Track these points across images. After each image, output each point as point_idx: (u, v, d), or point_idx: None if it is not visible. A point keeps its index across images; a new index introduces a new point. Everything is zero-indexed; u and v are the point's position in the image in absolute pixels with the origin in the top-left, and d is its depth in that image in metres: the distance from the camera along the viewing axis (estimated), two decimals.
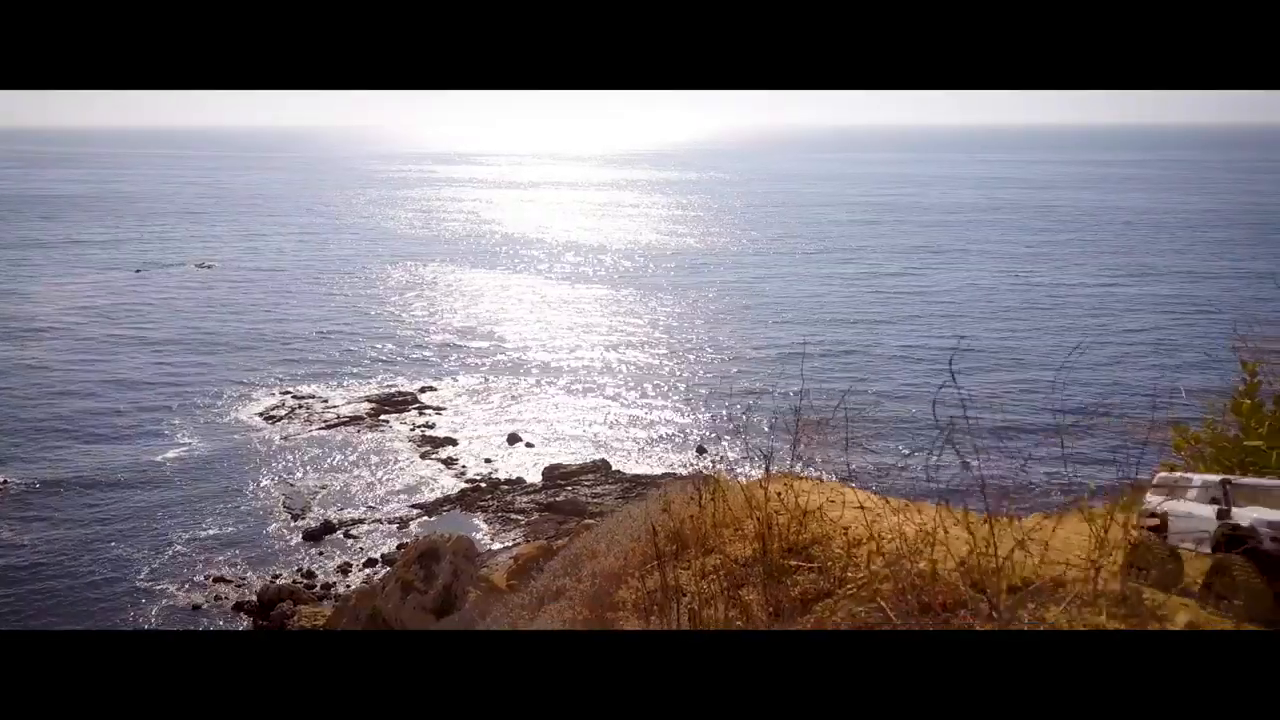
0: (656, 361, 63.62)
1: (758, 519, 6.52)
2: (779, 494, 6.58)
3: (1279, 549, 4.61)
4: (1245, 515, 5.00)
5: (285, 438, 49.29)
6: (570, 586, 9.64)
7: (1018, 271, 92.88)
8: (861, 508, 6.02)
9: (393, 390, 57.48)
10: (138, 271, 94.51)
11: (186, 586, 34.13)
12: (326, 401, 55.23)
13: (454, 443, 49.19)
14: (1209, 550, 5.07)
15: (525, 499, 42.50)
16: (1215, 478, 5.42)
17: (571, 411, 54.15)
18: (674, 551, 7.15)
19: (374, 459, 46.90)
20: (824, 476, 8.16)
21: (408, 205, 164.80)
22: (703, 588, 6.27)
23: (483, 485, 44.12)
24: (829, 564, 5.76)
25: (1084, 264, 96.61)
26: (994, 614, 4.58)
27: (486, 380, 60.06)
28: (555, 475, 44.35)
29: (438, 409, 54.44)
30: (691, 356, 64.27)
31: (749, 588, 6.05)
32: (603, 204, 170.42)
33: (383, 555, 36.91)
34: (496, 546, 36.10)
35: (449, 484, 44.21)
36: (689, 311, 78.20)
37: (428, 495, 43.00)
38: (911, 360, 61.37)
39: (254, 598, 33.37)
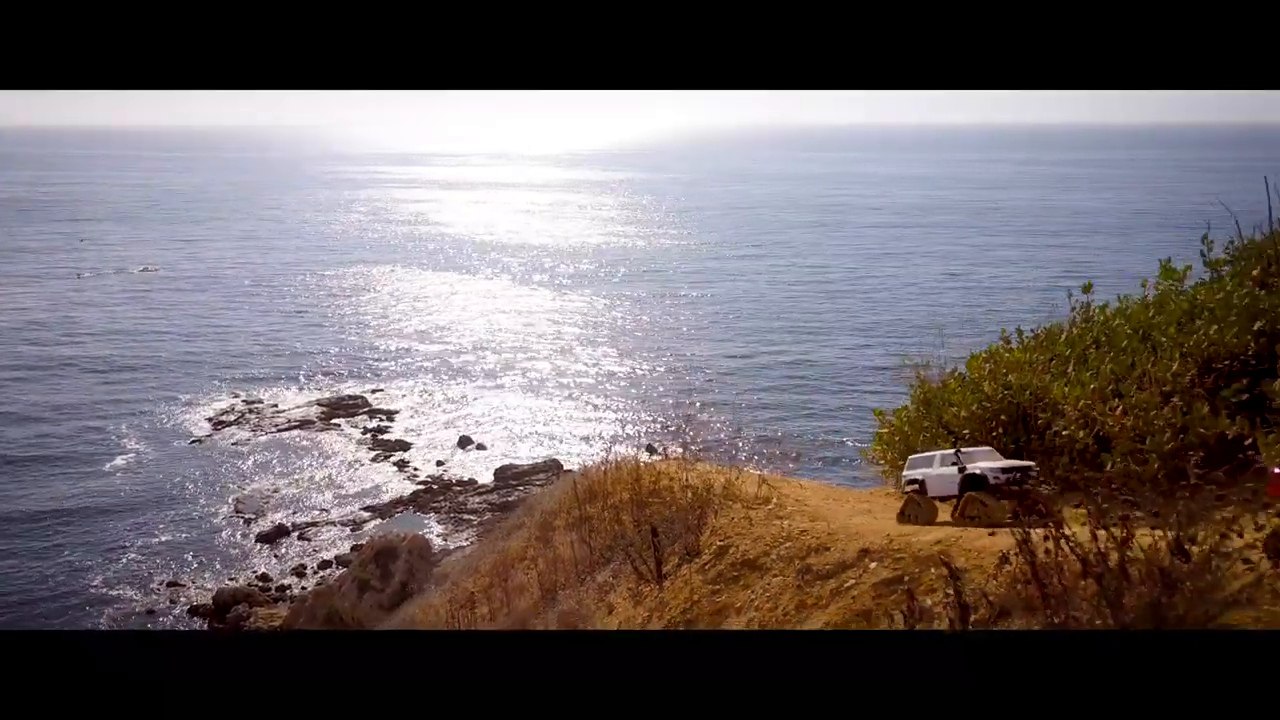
0: (607, 363, 64.75)
1: (637, 480, 11.03)
2: (667, 470, 10.45)
3: (1002, 482, 7.11)
4: (976, 466, 7.43)
5: (235, 443, 49.43)
6: (526, 521, 14.37)
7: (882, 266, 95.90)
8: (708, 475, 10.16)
9: (343, 394, 57.78)
10: (76, 279, 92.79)
11: (141, 592, 34.41)
12: (276, 406, 55.35)
13: (406, 445, 49.78)
14: (957, 492, 7.47)
15: (478, 499, 43.34)
16: (949, 451, 7.83)
17: (522, 413, 55.03)
18: (588, 497, 12.17)
19: (326, 463, 47.32)
20: (718, 462, 12.25)
21: (354, 207, 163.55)
22: (601, 514, 11.37)
23: (435, 487, 44.86)
24: (669, 499, 9.77)
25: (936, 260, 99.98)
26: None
27: (437, 383, 60.63)
28: (507, 475, 45.23)
29: (389, 412, 54.91)
30: (641, 358, 65.53)
31: (624, 512, 10.61)
32: (551, 205, 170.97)
33: (337, 557, 37.51)
34: (451, 546, 36.95)
35: (402, 486, 44.86)
36: (638, 313, 79.46)
37: (381, 497, 43.61)
38: (824, 368, 63.37)
39: (209, 601, 33.80)
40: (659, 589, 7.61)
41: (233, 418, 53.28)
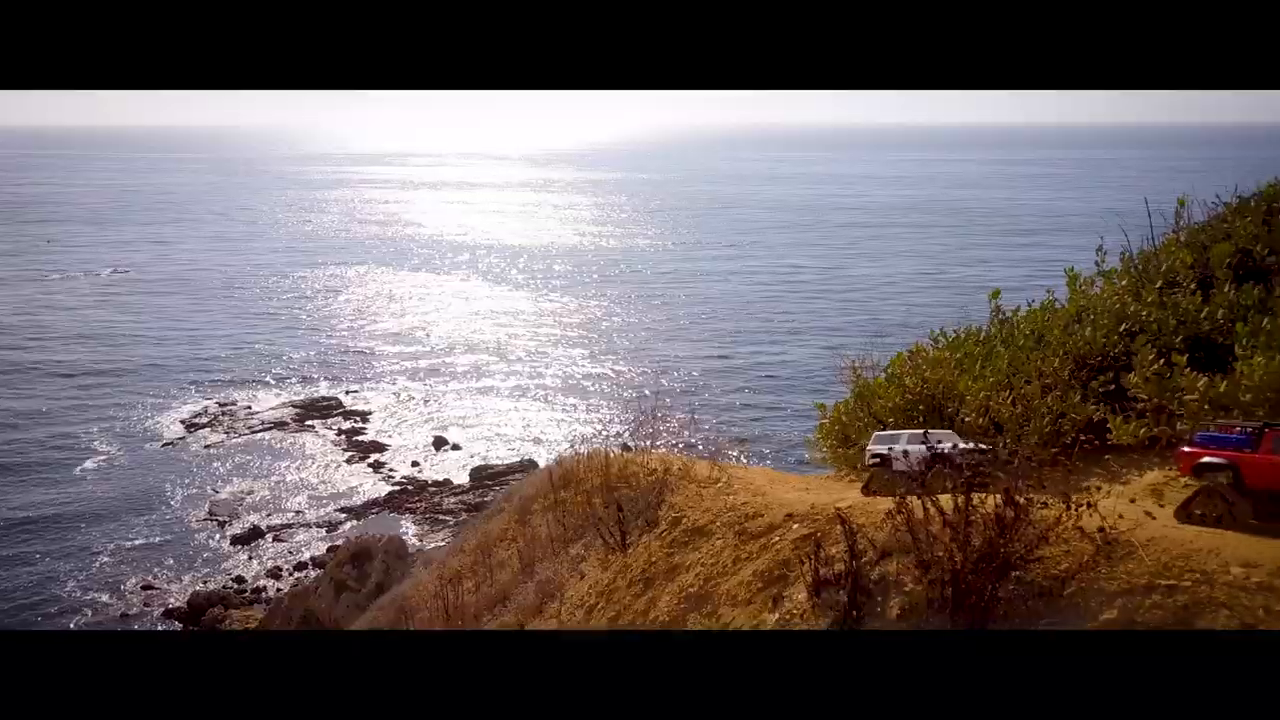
0: (581, 362, 65.01)
1: (607, 467, 12.17)
2: (633, 458, 11.75)
3: (963, 460, 7.65)
4: (941, 445, 8.11)
5: (208, 446, 49.21)
6: (506, 506, 15.71)
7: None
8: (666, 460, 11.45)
9: (317, 395, 57.62)
10: (44, 281, 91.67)
11: (115, 595, 34.28)
12: (250, 408, 55.12)
13: (381, 447, 49.79)
14: (922, 468, 8.14)
15: (453, 499, 43.48)
16: (917, 432, 8.60)
17: (497, 413, 55.16)
18: (562, 484, 13.41)
19: (300, 464, 47.24)
20: (680, 453, 13.72)
21: (327, 208, 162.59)
22: (574, 498, 12.57)
23: (410, 488, 44.93)
24: (635, 483, 10.96)
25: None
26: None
27: (412, 384, 60.61)
28: (483, 476, 45.39)
29: (363, 414, 54.86)
30: (616, 358, 65.84)
31: (595, 495, 11.65)
32: (525, 204, 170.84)
33: (312, 558, 37.53)
34: (427, 546, 37.06)
35: (377, 487, 44.89)
36: (611, 313, 79.76)
37: (356, 499, 43.63)
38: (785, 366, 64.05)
39: (184, 604, 33.73)
40: (623, 555, 8.89)
41: (205, 420, 53.01)
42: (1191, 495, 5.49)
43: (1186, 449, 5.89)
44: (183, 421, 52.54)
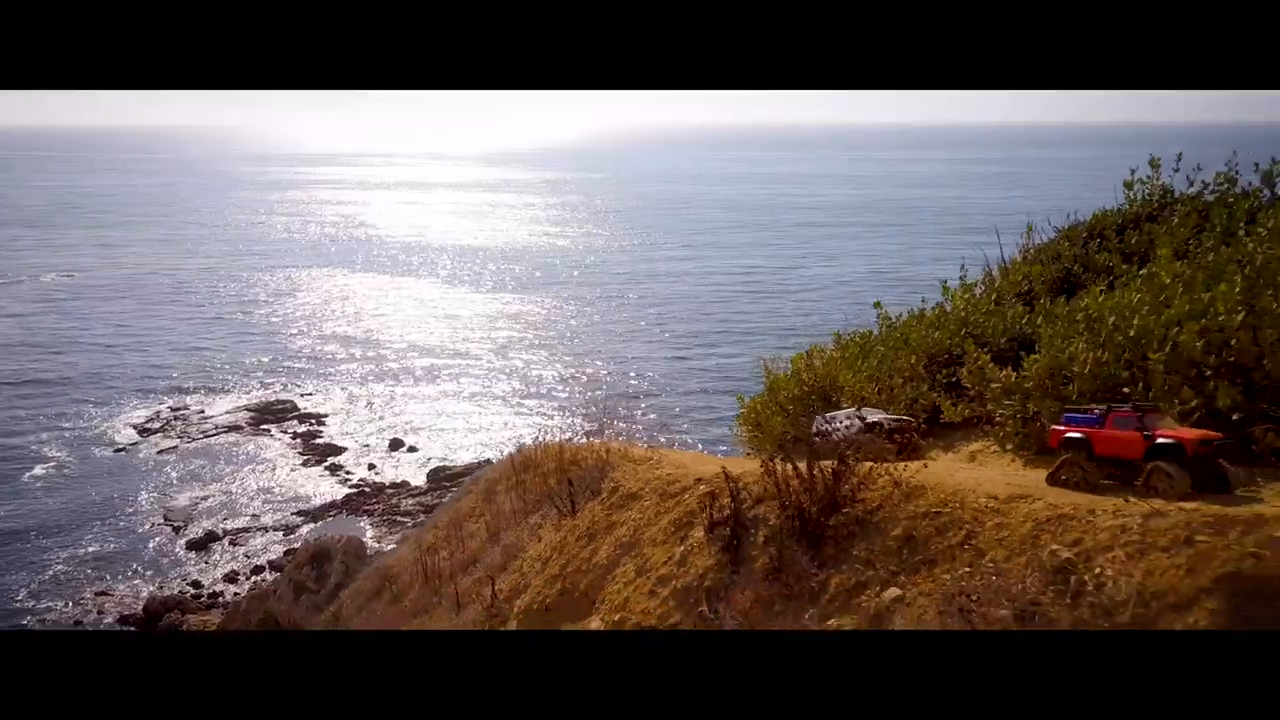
0: (537, 363, 65.36)
1: (561, 454, 14.44)
2: (585, 446, 13.86)
3: (892, 427, 9.76)
4: (873, 418, 9.86)
5: (161, 451, 48.78)
6: (474, 489, 18.03)
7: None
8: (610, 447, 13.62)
9: (272, 399, 57.31)
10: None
11: (69, 604, 34.01)
12: (203, 413, 54.68)
13: (337, 449, 49.75)
14: (858, 434, 9.78)
15: (411, 501, 43.67)
16: (853, 409, 10.42)
17: (454, 415, 55.35)
18: (523, 468, 15.56)
19: (256, 468, 47.05)
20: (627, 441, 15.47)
21: (278, 209, 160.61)
22: (533, 479, 14.52)
23: (368, 490, 45.03)
24: (584, 464, 12.78)
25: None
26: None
27: (368, 386, 60.52)
28: (440, 477, 45.61)
29: (319, 416, 54.71)
30: (570, 357, 66.29)
31: (551, 476, 13.81)
32: (479, 205, 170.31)
33: (270, 562, 37.55)
34: (386, 548, 37.25)
35: (333, 490, 44.91)
36: (567, 314, 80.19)
37: (313, 502, 43.62)
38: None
39: (139, 610, 33.59)
40: (573, 519, 11.04)
41: (158, 425, 52.49)
42: (1058, 464, 6.88)
43: (1055, 427, 7.36)
44: (134, 427, 51.98)
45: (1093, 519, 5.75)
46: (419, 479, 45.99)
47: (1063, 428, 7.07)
